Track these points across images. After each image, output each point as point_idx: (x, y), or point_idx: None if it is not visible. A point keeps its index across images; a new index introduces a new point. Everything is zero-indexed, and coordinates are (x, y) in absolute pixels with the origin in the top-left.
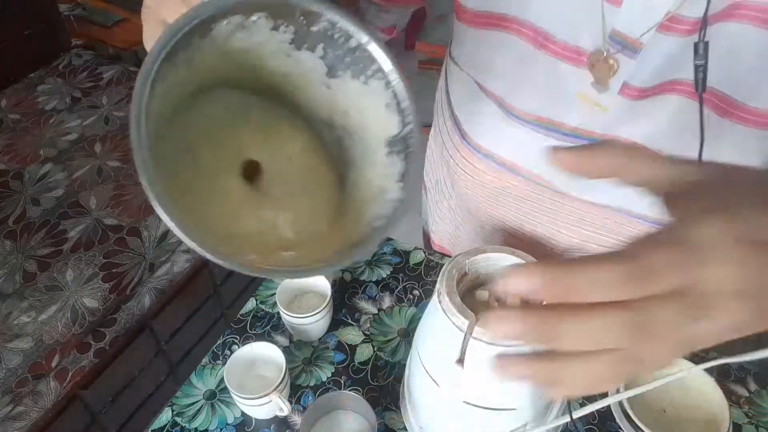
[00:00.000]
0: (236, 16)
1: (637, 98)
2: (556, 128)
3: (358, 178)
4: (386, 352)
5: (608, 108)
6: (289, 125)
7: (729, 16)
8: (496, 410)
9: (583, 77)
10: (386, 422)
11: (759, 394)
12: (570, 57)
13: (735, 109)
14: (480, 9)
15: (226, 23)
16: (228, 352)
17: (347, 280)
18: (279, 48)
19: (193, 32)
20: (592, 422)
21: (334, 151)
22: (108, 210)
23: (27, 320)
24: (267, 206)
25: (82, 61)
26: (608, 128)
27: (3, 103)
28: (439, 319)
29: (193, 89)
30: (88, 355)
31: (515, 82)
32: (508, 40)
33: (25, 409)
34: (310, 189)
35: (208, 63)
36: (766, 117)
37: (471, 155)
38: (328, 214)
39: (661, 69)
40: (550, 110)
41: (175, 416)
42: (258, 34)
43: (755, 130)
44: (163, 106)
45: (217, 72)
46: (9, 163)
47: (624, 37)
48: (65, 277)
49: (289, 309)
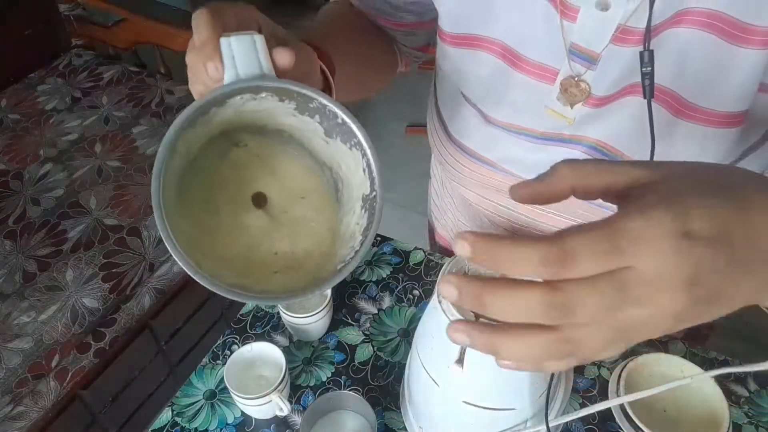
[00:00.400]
0: (247, 94)
1: (599, 106)
2: (528, 133)
3: (343, 218)
4: (386, 352)
5: (573, 119)
6: (296, 163)
7: (678, 23)
8: (495, 410)
9: (550, 92)
10: (386, 422)
11: (759, 394)
12: (536, 73)
13: (687, 109)
14: (456, 32)
15: (240, 98)
16: (228, 352)
17: (347, 280)
18: (286, 111)
19: (208, 106)
20: (592, 422)
21: (332, 191)
22: (108, 210)
23: (27, 320)
24: (274, 233)
25: (82, 61)
26: (575, 131)
27: (3, 103)
28: (439, 319)
29: (206, 140)
30: (88, 355)
31: (489, 94)
32: (483, 58)
33: (25, 409)
34: (314, 217)
35: (224, 119)
36: (717, 116)
37: (456, 152)
38: (324, 244)
39: (620, 77)
40: (522, 119)
41: (175, 416)
42: (267, 103)
43: (709, 128)
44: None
45: (231, 125)
46: (9, 163)
47: (582, 50)
48: (65, 277)
49: (289, 309)
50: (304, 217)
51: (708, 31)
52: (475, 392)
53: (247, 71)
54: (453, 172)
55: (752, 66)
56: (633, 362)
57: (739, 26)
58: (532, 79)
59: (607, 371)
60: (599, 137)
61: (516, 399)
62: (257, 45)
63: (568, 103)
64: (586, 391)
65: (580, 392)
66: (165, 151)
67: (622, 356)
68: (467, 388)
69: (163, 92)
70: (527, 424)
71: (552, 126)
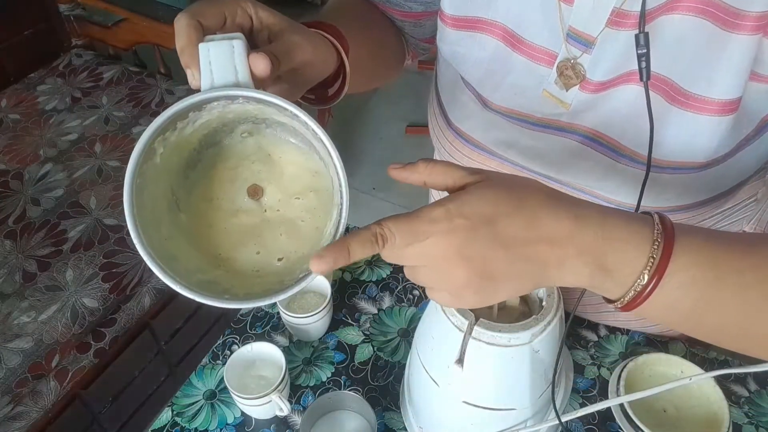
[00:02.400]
0: (222, 100)
1: (596, 92)
2: (525, 119)
3: (327, 222)
4: (386, 352)
5: (570, 105)
6: (296, 154)
7: (672, 9)
8: (495, 410)
9: (548, 76)
10: (386, 422)
11: (759, 394)
12: (536, 56)
13: (681, 96)
14: (458, 14)
15: (216, 103)
16: (228, 352)
17: (347, 280)
18: (273, 112)
19: (184, 112)
20: (592, 422)
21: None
22: (108, 210)
23: (27, 320)
24: (266, 231)
25: (82, 61)
26: (572, 118)
27: (3, 103)
28: (438, 319)
29: (197, 147)
30: (88, 355)
31: (488, 77)
32: (483, 40)
33: (25, 409)
34: (304, 217)
35: (214, 117)
36: (711, 104)
37: (455, 139)
38: (313, 243)
39: (616, 63)
40: (520, 104)
41: (175, 416)
42: (249, 106)
43: (702, 116)
44: (176, 158)
45: (232, 117)
46: (9, 163)
47: (579, 33)
48: (65, 277)
49: (289, 309)
50: (297, 216)
51: (702, 17)
52: (475, 392)
53: (221, 80)
54: (451, 160)
55: (744, 52)
56: (633, 362)
57: (731, 12)
58: (531, 61)
59: (607, 371)
60: (595, 127)
61: (516, 399)
62: (235, 51)
63: (564, 87)
64: (586, 391)
65: (580, 392)
66: (137, 157)
67: (622, 356)
68: (467, 388)
69: (163, 92)
70: (527, 424)
71: (550, 112)
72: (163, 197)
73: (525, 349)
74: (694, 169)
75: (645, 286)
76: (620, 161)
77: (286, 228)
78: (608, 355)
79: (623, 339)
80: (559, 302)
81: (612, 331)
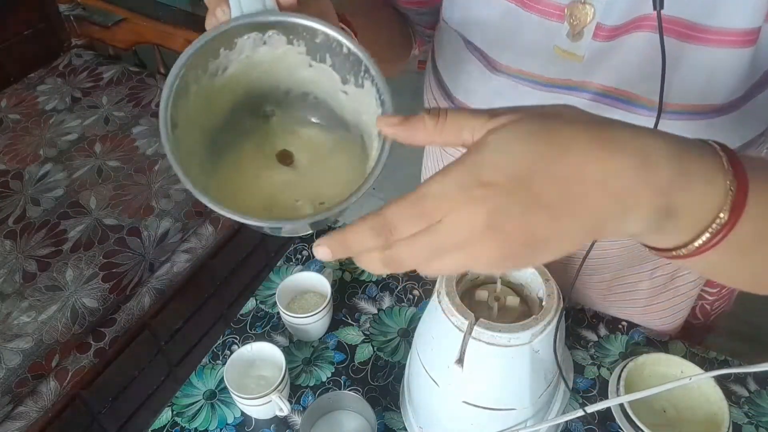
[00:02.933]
0: (253, 32)
1: (608, 39)
2: (536, 80)
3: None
4: (386, 352)
5: (583, 57)
6: (323, 132)
7: None
8: (495, 410)
9: (560, 31)
10: (386, 422)
11: (759, 394)
12: (547, 11)
13: (696, 32)
14: None
15: (246, 37)
16: (228, 352)
17: (347, 280)
18: (300, 60)
19: (217, 44)
20: (592, 422)
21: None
22: (108, 210)
23: (27, 320)
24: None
25: (82, 61)
26: (583, 75)
27: (3, 103)
28: (438, 319)
29: (229, 106)
30: (88, 355)
31: (498, 37)
32: (493, 0)
33: (25, 409)
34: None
35: (240, 72)
36: (726, 35)
37: None
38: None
39: (628, 6)
40: (530, 64)
41: (175, 416)
42: (278, 47)
43: (723, 49)
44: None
45: (254, 90)
46: (9, 163)
47: None
48: (65, 277)
49: (289, 309)
50: (332, 169)
51: None
52: (475, 392)
53: (250, 8)
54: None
55: None
56: (633, 362)
57: None
58: (542, 17)
59: (607, 371)
60: (606, 82)
61: (516, 399)
62: None
63: (574, 38)
64: (586, 391)
65: (580, 392)
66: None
67: (622, 356)
68: (467, 388)
69: None
70: (527, 424)
71: (560, 71)
72: (194, 152)
73: (525, 349)
74: (707, 114)
75: (724, 225)
76: (632, 111)
77: (322, 181)
78: (608, 355)
79: (623, 339)
80: (559, 302)
81: (612, 331)
